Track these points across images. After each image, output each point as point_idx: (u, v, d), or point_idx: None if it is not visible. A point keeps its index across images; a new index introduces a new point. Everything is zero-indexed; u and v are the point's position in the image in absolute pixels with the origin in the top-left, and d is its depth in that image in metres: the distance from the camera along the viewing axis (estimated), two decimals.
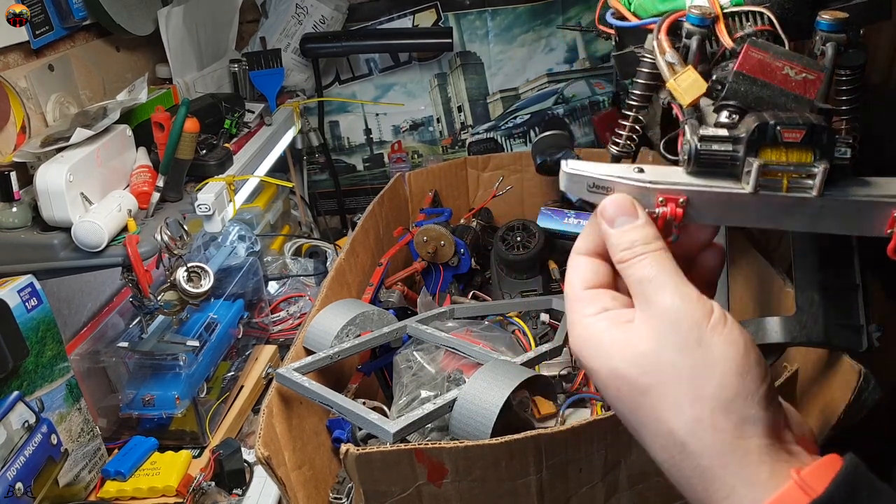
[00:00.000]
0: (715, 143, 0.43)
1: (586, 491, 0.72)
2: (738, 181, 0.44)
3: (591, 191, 0.44)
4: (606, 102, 1.80)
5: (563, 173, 0.44)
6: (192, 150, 1.10)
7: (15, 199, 0.98)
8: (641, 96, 0.65)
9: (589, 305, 0.43)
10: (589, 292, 0.44)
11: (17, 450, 0.88)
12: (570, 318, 0.44)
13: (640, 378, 0.39)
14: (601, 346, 0.41)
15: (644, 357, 0.39)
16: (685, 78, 0.48)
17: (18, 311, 0.89)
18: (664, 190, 0.43)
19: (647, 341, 0.40)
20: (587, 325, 0.43)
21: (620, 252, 0.42)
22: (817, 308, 0.67)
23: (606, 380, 0.41)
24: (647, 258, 0.41)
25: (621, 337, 0.41)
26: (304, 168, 1.87)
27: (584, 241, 0.46)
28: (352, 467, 0.67)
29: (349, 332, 0.92)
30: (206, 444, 1.10)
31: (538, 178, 1.46)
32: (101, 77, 1.29)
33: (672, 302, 0.39)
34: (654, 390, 0.39)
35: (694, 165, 0.44)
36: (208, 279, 1.05)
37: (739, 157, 0.43)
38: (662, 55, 0.52)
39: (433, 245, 1.22)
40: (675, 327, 0.39)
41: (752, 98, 0.45)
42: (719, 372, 0.38)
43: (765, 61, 0.45)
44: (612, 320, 0.42)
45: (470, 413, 0.73)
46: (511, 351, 0.92)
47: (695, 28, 0.54)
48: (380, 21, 1.74)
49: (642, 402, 0.40)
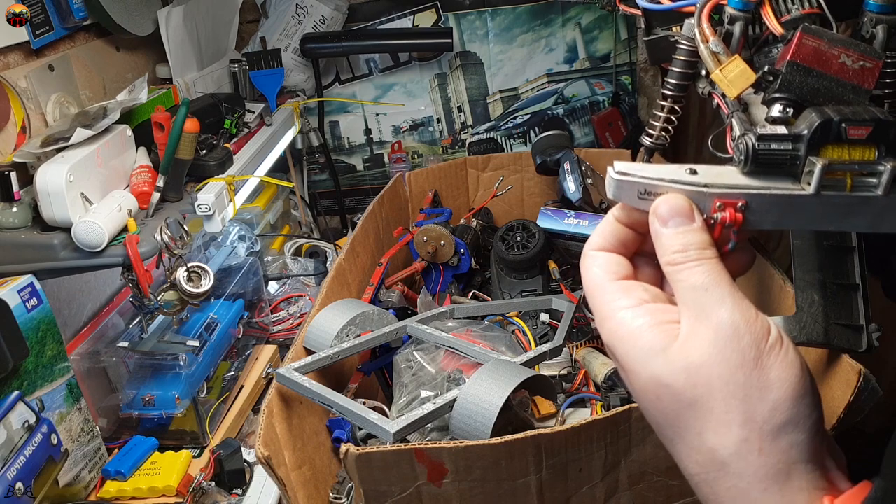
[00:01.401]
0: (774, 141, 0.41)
1: (586, 491, 0.72)
2: (797, 181, 0.41)
3: (643, 198, 0.41)
4: (606, 102, 1.80)
5: (610, 180, 0.41)
6: (192, 150, 1.10)
7: (15, 199, 0.98)
8: (678, 85, 0.61)
9: (623, 297, 0.41)
10: (620, 283, 0.41)
11: (18, 450, 0.88)
12: (601, 310, 0.41)
13: (687, 390, 0.37)
14: (642, 347, 0.39)
15: (695, 369, 0.37)
16: (732, 68, 0.46)
17: (18, 311, 0.89)
18: (722, 194, 0.40)
19: (699, 353, 0.37)
20: (624, 319, 0.40)
21: (672, 254, 0.40)
22: (817, 308, 0.67)
23: (645, 384, 0.39)
24: (704, 265, 0.39)
25: (666, 341, 0.38)
26: (304, 168, 1.87)
27: (600, 238, 0.44)
28: (352, 467, 0.67)
29: (349, 332, 0.92)
30: (206, 444, 1.10)
31: (538, 178, 1.46)
32: (101, 77, 1.29)
33: (732, 316, 0.37)
34: (700, 404, 0.37)
35: (751, 165, 0.41)
36: (208, 279, 1.05)
37: (800, 157, 0.40)
38: (706, 43, 0.49)
39: (433, 245, 1.22)
40: (733, 343, 0.37)
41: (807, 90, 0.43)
42: (774, 396, 0.36)
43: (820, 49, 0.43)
44: (655, 317, 0.39)
45: (470, 413, 0.73)
46: (511, 351, 0.92)
47: (738, 13, 0.50)
48: (380, 21, 1.74)
49: (684, 415, 0.38)
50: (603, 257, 0.43)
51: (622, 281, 0.42)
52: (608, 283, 0.42)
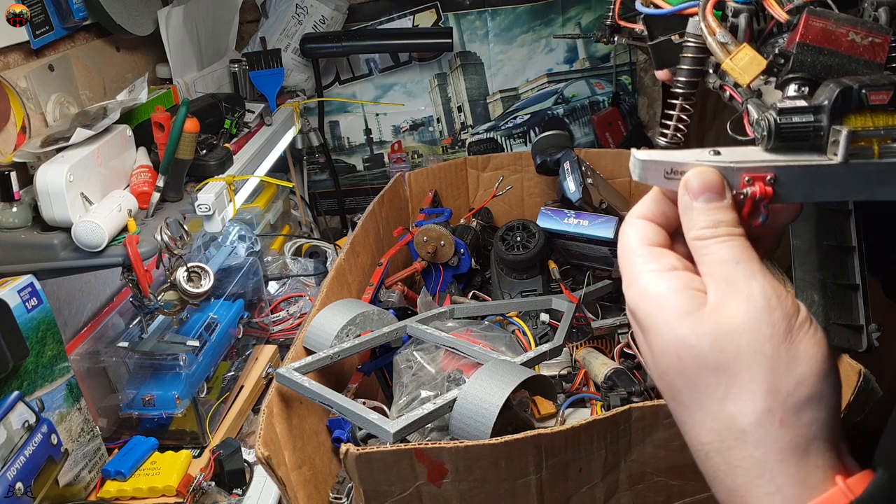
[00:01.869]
0: (795, 114, 0.40)
1: (586, 491, 0.72)
2: (822, 153, 0.41)
3: (669, 177, 0.41)
4: (606, 102, 1.80)
5: (635, 160, 0.41)
6: (192, 150, 1.10)
7: (15, 199, 0.98)
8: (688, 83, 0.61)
9: (652, 261, 0.41)
10: (652, 248, 0.42)
11: (18, 450, 0.88)
12: (629, 272, 0.41)
13: (713, 354, 0.37)
14: (667, 308, 0.39)
15: (724, 334, 0.37)
16: (742, 56, 0.46)
17: (18, 311, 0.89)
18: (750, 168, 0.40)
19: (728, 320, 0.37)
20: (651, 280, 0.40)
21: (701, 229, 0.40)
22: (817, 308, 0.67)
23: (667, 345, 0.39)
24: (734, 241, 0.39)
25: (693, 305, 0.38)
26: (304, 168, 1.87)
27: (643, 207, 0.44)
28: (352, 467, 0.67)
29: (349, 332, 0.92)
30: (206, 444, 1.10)
31: (538, 178, 1.46)
32: (101, 77, 1.29)
33: (763, 289, 0.37)
34: (725, 369, 0.37)
35: (775, 141, 0.41)
36: (208, 279, 1.05)
37: (823, 127, 0.40)
38: (713, 36, 0.50)
39: (433, 245, 1.22)
40: (765, 315, 0.37)
41: (820, 67, 0.43)
42: (801, 370, 0.37)
43: (827, 29, 0.43)
44: (684, 282, 0.39)
45: (470, 413, 0.73)
46: (511, 351, 0.92)
47: (742, 5, 0.51)
48: (380, 21, 1.74)
49: (706, 378, 0.38)
50: (641, 224, 0.43)
51: (655, 247, 0.42)
52: (640, 246, 0.42)
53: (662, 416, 0.69)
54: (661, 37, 0.68)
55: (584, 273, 1.22)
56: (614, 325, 1.12)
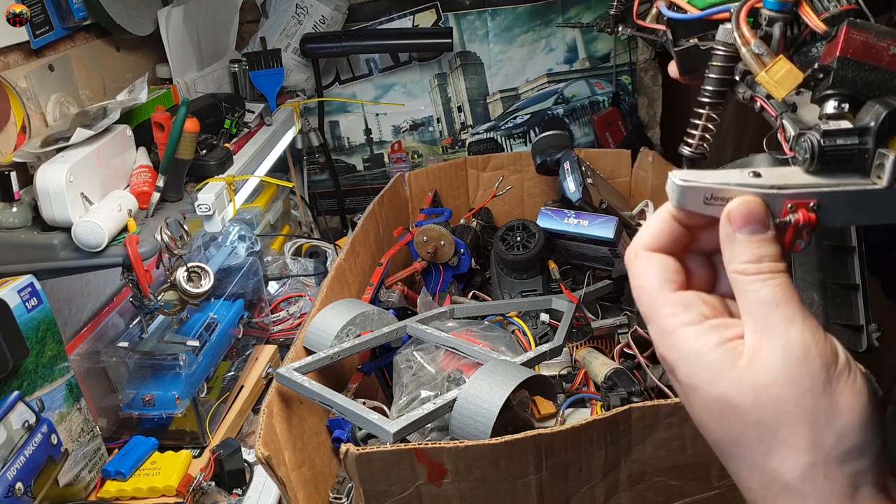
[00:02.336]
0: (840, 137, 0.40)
1: (586, 491, 0.72)
2: (865, 176, 0.40)
3: (709, 203, 0.39)
4: (606, 102, 1.80)
5: (674, 186, 0.40)
6: (192, 150, 1.10)
7: (15, 199, 0.98)
8: (715, 92, 0.60)
9: (684, 312, 0.40)
10: (679, 295, 0.40)
11: (18, 450, 0.88)
12: (659, 324, 0.40)
13: (754, 409, 0.37)
14: (708, 366, 0.38)
15: (763, 388, 0.37)
16: (777, 69, 0.45)
17: (18, 311, 0.89)
18: (793, 195, 0.39)
19: (767, 372, 0.37)
20: (686, 337, 0.39)
21: (743, 263, 0.39)
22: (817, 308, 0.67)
23: (709, 402, 0.38)
24: (777, 279, 0.38)
25: (732, 359, 0.38)
26: (304, 168, 1.87)
27: (653, 237, 0.42)
28: (352, 467, 0.67)
29: (349, 332, 0.92)
30: (206, 444, 1.10)
31: (538, 178, 1.46)
32: (101, 77, 1.29)
33: (802, 337, 0.37)
34: (766, 425, 0.37)
35: (818, 164, 0.40)
36: (208, 279, 1.05)
37: (869, 150, 0.39)
38: (747, 46, 0.48)
39: (433, 245, 1.22)
40: (803, 366, 0.36)
41: (861, 84, 0.42)
42: (843, 422, 0.36)
43: (868, 42, 0.42)
44: (719, 334, 0.39)
45: (470, 413, 0.73)
46: (511, 351, 0.92)
47: (777, 14, 0.49)
48: (380, 21, 1.74)
49: (749, 434, 0.37)
50: (658, 261, 0.41)
51: (681, 293, 0.41)
52: (667, 294, 0.40)
53: (662, 416, 0.69)
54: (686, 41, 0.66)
55: (584, 273, 1.22)
56: (614, 325, 1.12)
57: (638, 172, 1.43)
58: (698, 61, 0.64)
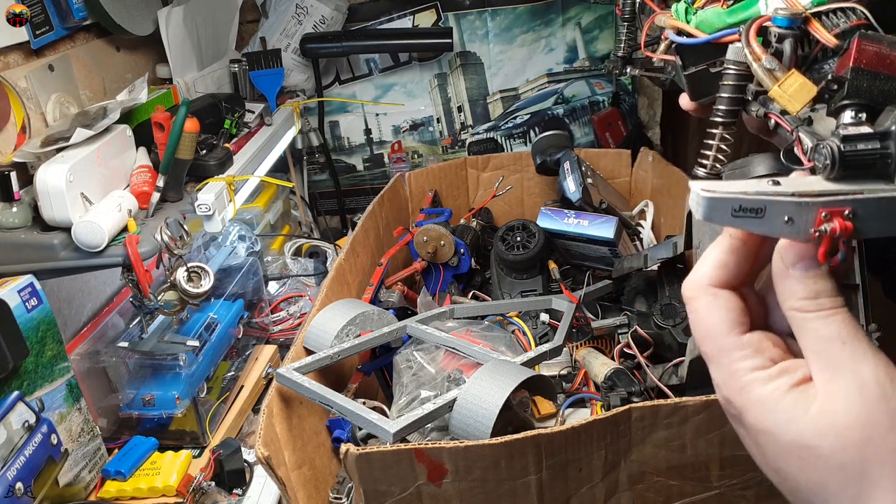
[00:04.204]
0: (861, 142, 0.39)
1: (586, 491, 0.72)
2: (889, 181, 0.38)
3: (737, 215, 0.37)
4: (606, 102, 1.80)
5: (699, 199, 0.38)
6: (192, 150, 1.10)
7: (15, 199, 0.98)
8: (728, 111, 0.59)
9: (755, 356, 0.38)
10: (748, 338, 0.39)
11: (18, 450, 0.88)
12: (731, 370, 0.39)
13: (836, 452, 0.36)
14: (783, 410, 0.37)
15: (843, 430, 0.35)
16: (791, 83, 0.44)
17: (18, 311, 0.89)
18: (827, 202, 0.37)
19: (845, 413, 0.35)
20: (757, 382, 0.38)
21: (801, 301, 0.37)
22: None
23: (786, 447, 0.37)
24: (839, 315, 0.37)
25: (807, 402, 0.36)
26: (304, 168, 1.87)
27: (717, 270, 0.40)
28: (352, 467, 0.67)
29: (349, 332, 0.92)
30: (206, 444, 1.10)
31: (538, 178, 1.46)
32: (101, 77, 1.29)
33: (876, 374, 0.36)
34: (850, 468, 0.36)
35: (839, 169, 0.38)
36: (208, 279, 1.05)
37: (891, 154, 0.38)
38: (758, 62, 0.48)
39: (433, 245, 1.22)
40: (882, 405, 0.35)
41: (878, 92, 0.41)
42: None
43: (881, 52, 0.42)
44: (791, 377, 0.37)
45: (470, 413, 0.73)
46: (511, 351, 0.92)
47: (786, 31, 0.49)
48: (380, 21, 1.74)
49: (834, 479, 0.36)
50: (725, 300, 0.40)
51: (750, 335, 0.39)
52: (737, 337, 0.39)
53: (662, 416, 0.69)
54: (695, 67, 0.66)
55: (584, 273, 1.22)
56: (614, 325, 1.12)
57: (638, 172, 1.43)
58: (709, 85, 0.64)
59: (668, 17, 0.66)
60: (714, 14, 0.62)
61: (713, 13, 0.62)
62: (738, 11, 0.59)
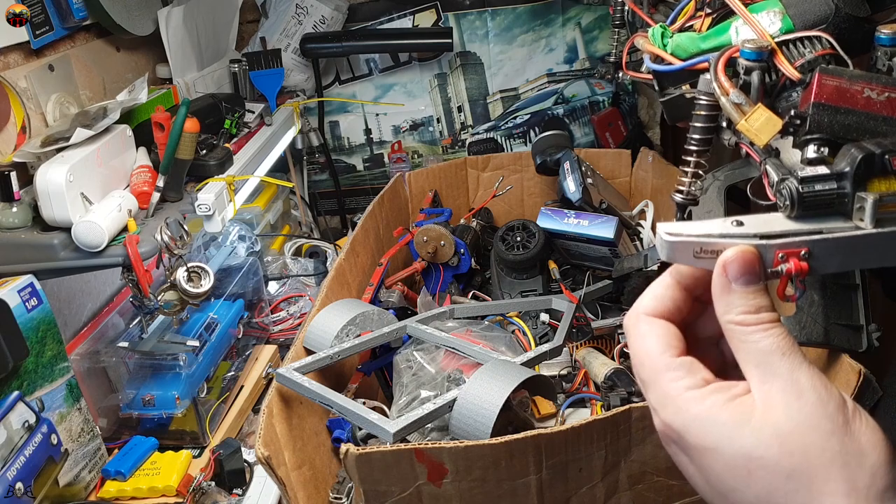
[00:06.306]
0: (818, 182, 0.40)
1: (586, 491, 0.72)
2: (847, 219, 0.40)
3: (699, 257, 0.39)
4: (606, 102, 1.80)
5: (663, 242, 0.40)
6: (193, 150, 1.10)
7: (15, 199, 0.98)
8: (702, 140, 0.61)
9: (687, 376, 0.39)
10: (681, 361, 0.40)
11: (18, 450, 0.88)
12: (660, 391, 0.40)
13: (783, 459, 0.36)
14: (721, 424, 0.37)
15: (787, 437, 0.36)
16: (757, 117, 0.46)
17: (18, 311, 0.89)
18: (784, 244, 0.38)
19: (786, 419, 0.36)
20: (692, 400, 0.38)
21: (741, 315, 0.38)
22: (817, 308, 0.67)
23: (731, 460, 0.37)
24: (777, 329, 0.38)
25: (746, 413, 0.37)
26: (304, 168, 1.87)
27: (656, 301, 0.42)
28: (352, 467, 0.67)
29: (349, 332, 0.92)
30: (206, 444, 1.10)
31: (538, 178, 1.46)
32: (101, 77, 1.29)
33: (813, 382, 0.36)
34: (799, 474, 0.36)
35: (798, 209, 0.40)
36: (208, 279, 1.05)
37: (847, 194, 0.40)
38: (726, 96, 0.49)
39: (433, 245, 1.22)
40: (820, 410, 0.36)
41: (839, 127, 0.43)
42: (871, 461, 0.36)
43: (842, 87, 0.43)
44: (724, 394, 0.38)
45: (470, 413, 0.73)
46: (511, 351, 0.92)
47: (753, 63, 0.50)
48: (380, 21, 1.74)
49: (782, 488, 0.36)
50: (659, 327, 0.41)
51: (683, 358, 0.40)
52: (670, 358, 0.40)
53: None
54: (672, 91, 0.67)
55: (584, 273, 1.22)
56: (614, 325, 1.12)
57: (638, 172, 1.43)
58: (684, 110, 0.65)
59: (645, 41, 0.67)
60: (688, 39, 0.63)
61: (688, 38, 0.63)
62: (711, 37, 0.61)
